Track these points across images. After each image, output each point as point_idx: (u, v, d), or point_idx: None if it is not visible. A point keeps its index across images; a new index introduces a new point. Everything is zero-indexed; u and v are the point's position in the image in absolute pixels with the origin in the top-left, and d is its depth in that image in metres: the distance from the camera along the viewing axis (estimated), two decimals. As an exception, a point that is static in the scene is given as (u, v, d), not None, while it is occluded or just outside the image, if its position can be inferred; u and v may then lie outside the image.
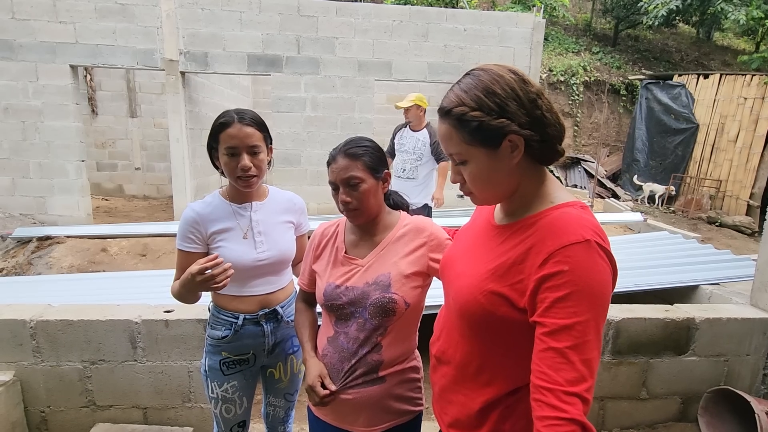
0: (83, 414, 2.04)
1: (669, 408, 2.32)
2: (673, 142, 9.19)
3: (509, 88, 0.77)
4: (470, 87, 0.78)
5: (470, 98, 0.77)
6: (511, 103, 0.76)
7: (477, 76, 0.79)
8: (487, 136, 0.77)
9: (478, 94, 0.77)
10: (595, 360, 0.69)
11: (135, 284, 3.17)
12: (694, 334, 2.22)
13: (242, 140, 1.31)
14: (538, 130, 0.78)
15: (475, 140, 0.78)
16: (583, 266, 0.71)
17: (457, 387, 0.91)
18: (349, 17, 5.82)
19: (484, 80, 0.78)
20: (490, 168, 0.80)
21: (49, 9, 5.30)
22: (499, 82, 0.77)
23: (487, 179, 0.81)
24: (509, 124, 0.76)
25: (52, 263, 4.18)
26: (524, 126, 0.77)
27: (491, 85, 0.77)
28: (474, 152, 0.80)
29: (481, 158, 0.80)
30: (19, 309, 2.00)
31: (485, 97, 0.76)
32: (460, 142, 0.80)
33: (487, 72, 0.79)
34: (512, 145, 0.78)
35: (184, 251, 1.37)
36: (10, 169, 5.52)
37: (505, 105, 0.76)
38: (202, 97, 6.67)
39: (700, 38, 15.00)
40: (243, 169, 1.32)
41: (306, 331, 1.31)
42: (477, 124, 0.77)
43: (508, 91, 0.76)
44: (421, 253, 1.18)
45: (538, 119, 0.77)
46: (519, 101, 0.77)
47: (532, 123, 0.77)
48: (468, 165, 0.82)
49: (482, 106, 0.76)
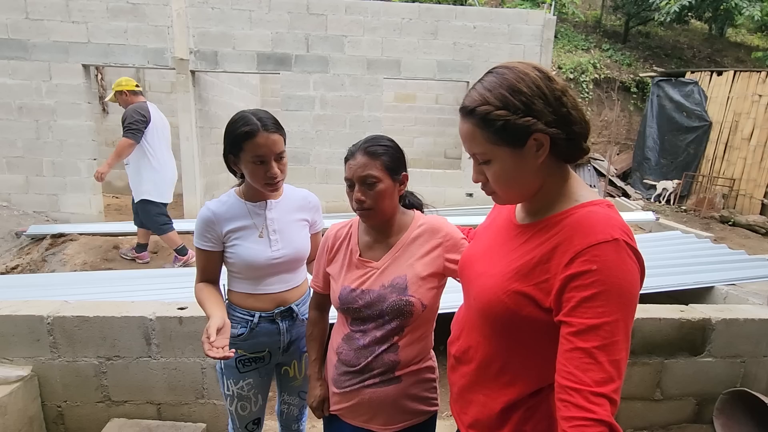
0: (99, 409, 2.06)
1: (684, 409, 2.29)
2: (685, 141, 9.06)
3: (535, 86, 0.75)
4: (494, 85, 0.77)
5: (495, 97, 0.76)
6: (537, 101, 0.75)
7: (501, 75, 0.77)
8: (513, 136, 0.76)
9: (503, 92, 0.75)
10: (623, 361, 0.68)
11: (148, 282, 3.20)
12: (710, 334, 2.19)
13: (270, 148, 1.30)
14: (564, 128, 0.76)
15: (500, 140, 0.77)
16: (612, 266, 0.69)
17: (478, 387, 0.91)
18: (358, 15, 5.81)
19: (509, 78, 0.76)
20: (514, 167, 0.79)
21: (62, 9, 5.35)
22: (524, 80, 0.75)
23: (511, 179, 0.80)
24: (535, 123, 0.75)
25: (66, 260, 4.23)
26: (550, 124, 0.75)
27: (516, 84, 0.75)
28: (498, 152, 0.78)
29: (505, 158, 0.78)
30: (37, 305, 2.03)
31: (511, 96, 0.75)
32: (484, 141, 0.78)
33: (512, 70, 0.77)
34: (537, 144, 0.77)
35: (202, 250, 1.39)
36: (24, 167, 5.60)
37: (531, 103, 0.75)
38: (211, 96, 6.70)
39: (713, 34, 14.75)
40: (273, 177, 1.33)
41: (315, 347, 1.33)
42: (502, 124, 0.75)
43: (534, 89, 0.75)
44: (437, 254, 1.17)
45: (564, 117, 0.76)
46: (545, 99, 0.75)
47: (558, 121, 0.76)
48: (492, 165, 0.80)
49: (507, 104, 0.75)
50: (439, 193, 6.40)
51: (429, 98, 9.38)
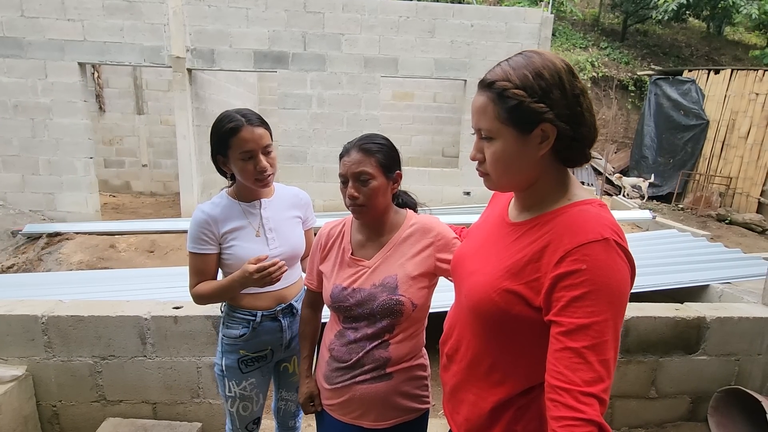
0: (94, 408, 2.06)
1: (678, 407, 2.30)
2: (682, 139, 9.08)
3: (558, 76, 0.75)
4: (519, 65, 0.77)
5: (517, 76, 0.76)
6: (555, 90, 0.75)
7: (529, 57, 0.78)
8: (523, 118, 0.76)
9: (525, 73, 0.75)
10: (612, 360, 0.68)
11: (144, 281, 3.19)
12: (705, 333, 2.19)
13: (257, 142, 1.31)
14: (574, 126, 0.76)
15: (509, 119, 0.77)
16: (602, 265, 0.69)
17: (468, 386, 0.91)
18: (355, 13, 5.80)
19: (536, 62, 0.76)
20: (514, 152, 0.78)
21: (57, 7, 5.33)
22: (549, 68, 0.75)
23: (508, 163, 0.80)
24: (548, 111, 0.74)
25: (62, 259, 4.22)
26: (562, 118, 0.75)
27: (541, 69, 0.75)
28: (504, 131, 0.78)
29: (509, 139, 0.78)
30: (31, 305, 2.02)
31: (532, 78, 0.75)
32: (494, 117, 0.78)
33: (541, 56, 0.77)
34: (543, 135, 0.76)
35: (199, 254, 1.36)
36: (20, 166, 5.58)
37: (549, 91, 0.74)
38: (208, 94, 6.69)
39: (711, 33, 14.77)
40: (262, 171, 1.33)
41: (307, 345, 1.35)
42: (516, 103, 0.75)
43: (555, 79, 0.75)
44: (428, 254, 1.18)
45: (577, 116, 0.76)
46: (563, 92, 0.75)
47: (570, 117, 0.75)
48: (493, 143, 0.80)
49: (527, 86, 0.75)
50: (436, 192, 6.40)
51: (427, 97, 9.38)
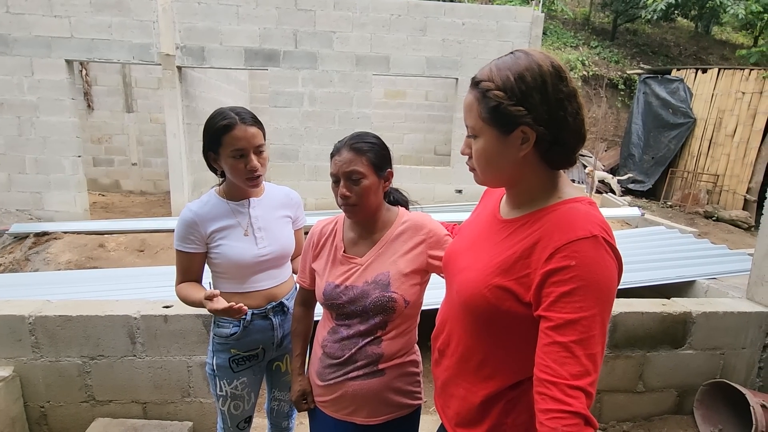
0: (83, 409, 2.04)
1: (665, 401, 2.34)
2: (669, 137, 9.20)
3: (541, 79, 0.74)
4: (505, 66, 0.77)
5: (500, 77, 0.76)
6: (535, 94, 0.74)
7: (516, 58, 0.78)
8: (501, 120, 0.76)
9: (508, 74, 0.76)
10: (599, 355, 0.70)
11: (134, 280, 3.16)
12: (691, 327, 2.23)
13: (249, 141, 1.30)
14: (554, 131, 0.76)
15: (490, 119, 0.77)
16: (590, 261, 0.71)
17: (459, 380, 0.92)
18: (346, 11, 5.78)
19: (521, 63, 0.76)
20: (496, 152, 0.80)
21: (43, 3, 5.24)
22: (533, 70, 0.75)
23: (491, 161, 0.81)
24: (525, 115, 0.74)
25: (50, 259, 4.17)
26: (540, 122, 0.75)
27: (524, 71, 0.75)
28: (486, 130, 0.79)
29: (490, 139, 0.79)
30: (18, 305, 2.00)
31: (513, 80, 0.75)
32: (477, 116, 0.79)
33: (528, 56, 0.77)
34: (523, 138, 0.77)
35: (184, 252, 1.36)
36: (6, 165, 5.49)
37: (529, 94, 0.74)
38: (198, 92, 6.63)
39: (699, 32, 14.97)
40: (253, 170, 1.32)
41: (299, 343, 1.36)
42: (495, 104, 0.76)
43: (538, 82, 0.74)
44: (420, 251, 1.18)
45: (558, 120, 0.75)
46: (544, 96, 0.74)
47: (550, 122, 0.75)
48: (477, 141, 0.81)
49: (507, 87, 0.75)
50: (428, 190, 6.42)
51: (419, 95, 9.40)
